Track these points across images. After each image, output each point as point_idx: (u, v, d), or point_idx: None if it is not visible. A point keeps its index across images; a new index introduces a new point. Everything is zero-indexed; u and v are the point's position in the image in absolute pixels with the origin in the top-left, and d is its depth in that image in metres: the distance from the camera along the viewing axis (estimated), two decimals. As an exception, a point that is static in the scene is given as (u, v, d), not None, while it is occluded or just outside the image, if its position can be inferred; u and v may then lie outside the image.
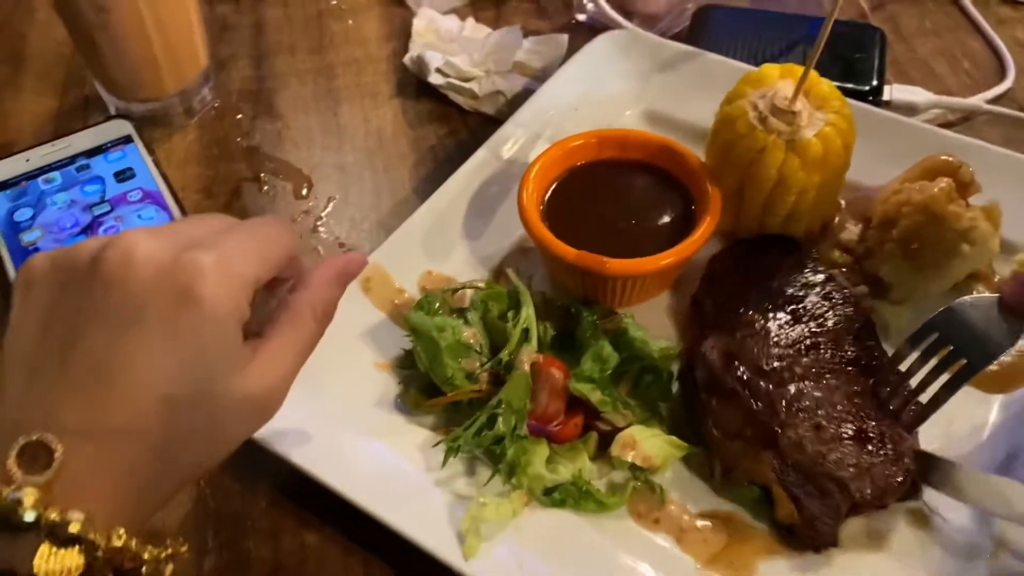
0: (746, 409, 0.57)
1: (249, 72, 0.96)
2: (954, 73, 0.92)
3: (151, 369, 0.43)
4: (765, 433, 0.57)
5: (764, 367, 0.60)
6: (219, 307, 0.44)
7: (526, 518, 0.58)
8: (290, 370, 0.49)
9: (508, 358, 0.61)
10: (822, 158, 0.65)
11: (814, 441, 0.56)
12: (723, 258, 0.69)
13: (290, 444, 0.59)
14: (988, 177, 0.70)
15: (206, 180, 0.85)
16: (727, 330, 0.62)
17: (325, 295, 0.51)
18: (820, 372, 0.60)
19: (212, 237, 0.46)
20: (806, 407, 0.58)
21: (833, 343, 0.62)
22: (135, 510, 0.44)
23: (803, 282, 0.66)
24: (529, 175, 0.70)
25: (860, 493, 0.54)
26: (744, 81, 0.68)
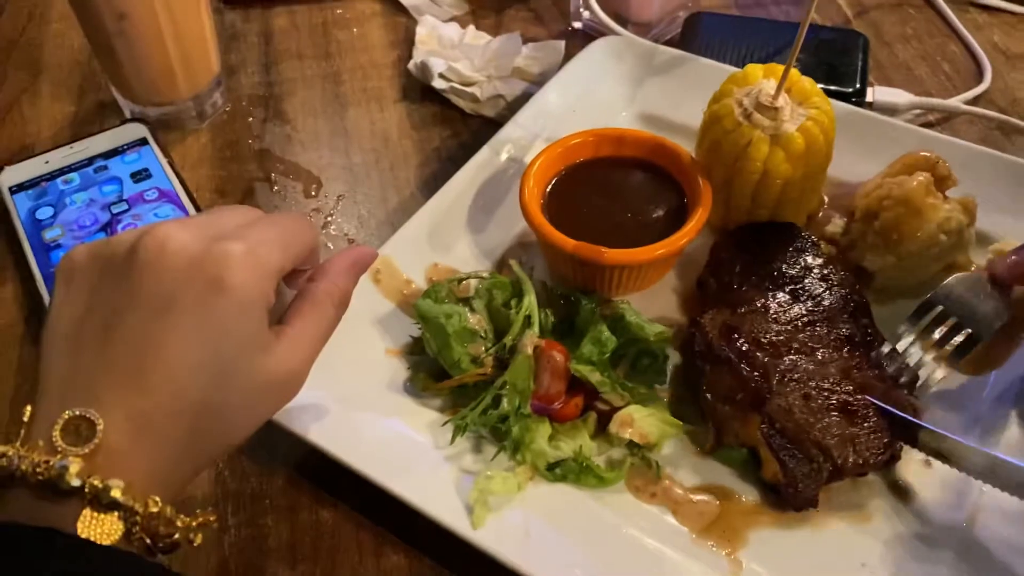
0: (738, 374, 0.61)
1: (258, 78, 0.99)
2: (934, 76, 0.96)
3: (184, 351, 0.46)
4: (755, 397, 0.60)
5: (761, 339, 0.64)
6: (247, 294, 0.47)
7: (531, 492, 0.61)
8: (311, 354, 0.52)
9: (512, 343, 0.65)
10: (804, 151, 0.68)
11: (803, 409, 0.60)
12: (727, 242, 0.73)
13: (307, 424, 0.63)
14: (964, 172, 0.74)
15: (219, 180, 0.88)
16: (727, 305, 0.66)
17: (342, 284, 0.55)
18: (814, 347, 0.64)
19: (240, 229, 0.50)
20: (798, 378, 0.62)
21: (828, 321, 0.66)
22: (169, 481, 0.47)
23: (802, 264, 0.70)
24: (530, 171, 0.73)
25: (843, 460, 0.58)
26: (730, 80, 0.72)
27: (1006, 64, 0.97)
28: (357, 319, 0.69)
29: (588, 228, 0.71)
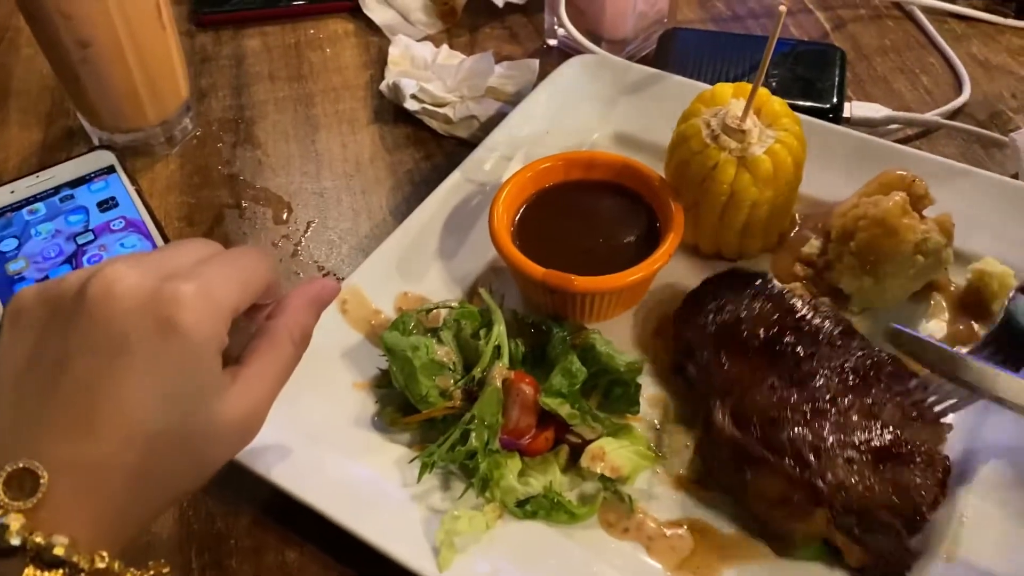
0: (785, 474, 0.57)
1: (229, 102, 0.98)
2: (913, 89, 0.95)
3: (134, 399, 0.44)
4: (812, 492, 0.56)
5: (776, 416, 0.59)
6: (199, 335, 0.45)
7: (500, 530, 0.60)
8: (269, 394, 0.51)
9: (480, 375, 0.64)
10: (772, 174, 0.67)
11: (855, 477, 0.56)
12: (687, 314, 0.67)
13: (271, 464, 0.61)
14: (942, 190, 0.73)
15: (188, 208, 0.87)
16: (722, 390, 0.61)
17: (302, 320, 0.53)
18: (827, 398, 0.60)
19: (194, 267, 0.48)
20: (832, 443, 0.57)
21: (826, 362, 0.62)
22: (118, 533, 0.45)
23: (772, 312, 0.65)
24: (499, 197, 0.72)
25: (917, 512, 0.55)
26: (699, 100, 0.71)
27: (985, 76, 0.96)
28: (323, 352, 0.68)
29: (559, 254, 0.70)
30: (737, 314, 0.65)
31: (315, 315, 0.55)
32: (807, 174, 0.76)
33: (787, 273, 0.75)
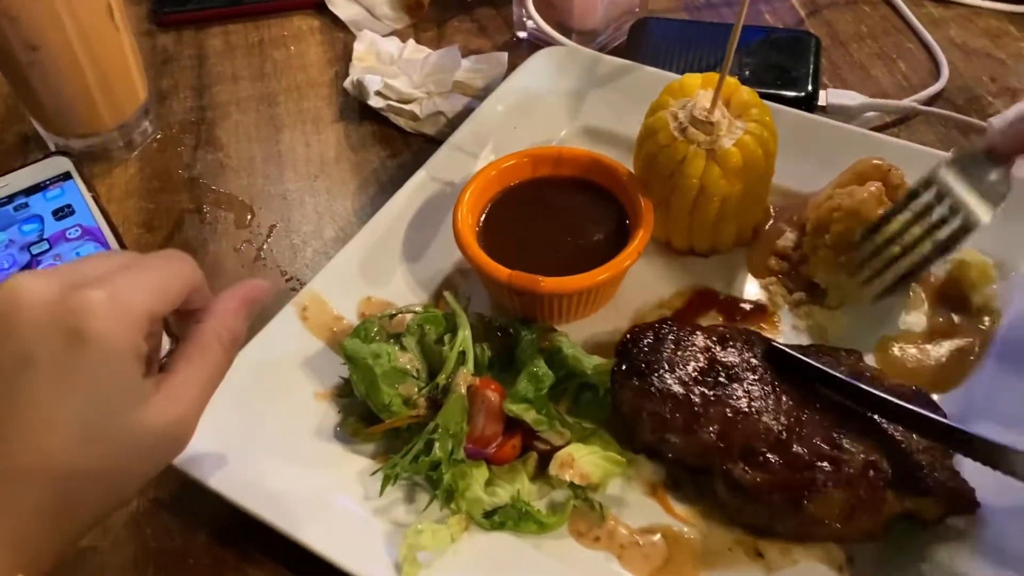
0: (839, 485, 0.55)
1: (191, 103, 0.95)
2: (890, 75, 0.93)
3: (47, 412, 0.43)
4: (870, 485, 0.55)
5: (780, 440, 0.57)
6: (111, 344, 0.43)
7: (466, 543, 0.58)
8: (197, 400, 0.48)
9: (445, 382, 0.61)
10: (742, 166, 0.65)
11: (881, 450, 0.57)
12: (627, 397, 0.61)
13: (227, 479, 0.59)
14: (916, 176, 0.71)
15: (147, 213, 0.84)
16: (716, 451, 0.58)
17: (230, 323, 0.51)
18: (796, 415, 0.59)
19: (105, 274, 0.46)
20: (838, 435, 0.57)
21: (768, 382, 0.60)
22: (39, 552, 0.43)
23: (698, 354, 0.62)
24: (463, 198, 0.70)
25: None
26: (666, 91, 0.69)
27: (963, 59, 0.94)
28: (283, 361, 0.66)
29: (526, 254, 0.68)
30: (676, 373, 0.60)
31: (246, 317, 0.52)
32: (781, 165, 0.74)
33: (762, 267, 0.73)
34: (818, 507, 0.55)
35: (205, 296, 0.51)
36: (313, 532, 0.57)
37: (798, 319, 0.70)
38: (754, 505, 0.57)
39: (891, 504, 0.55)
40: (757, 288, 0.72)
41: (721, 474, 0.58)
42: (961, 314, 0.69)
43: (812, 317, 0.69)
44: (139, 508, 0.64)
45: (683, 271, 0.73)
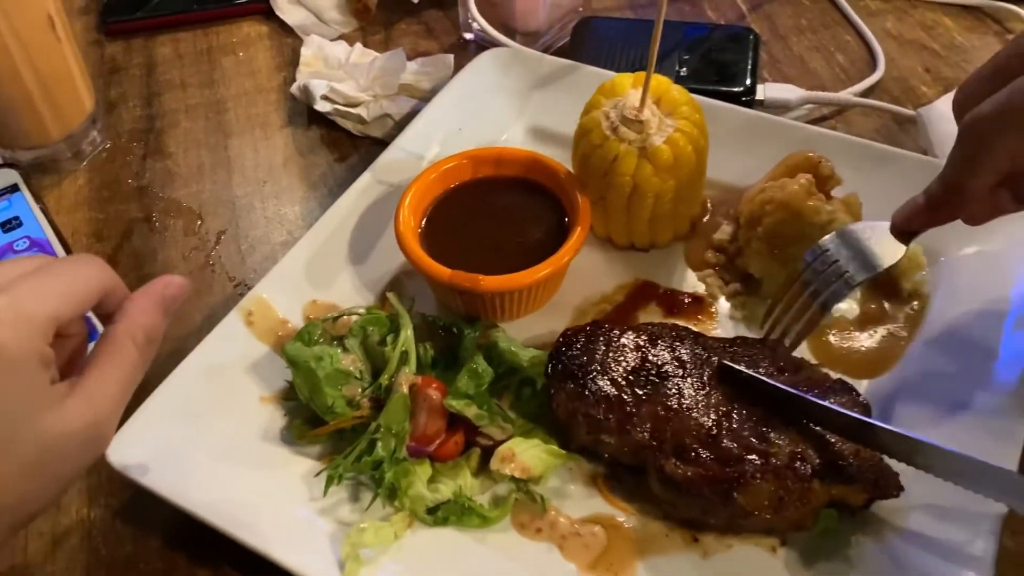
0: (768, 476, 0.57)
1: (140, 111, 0.96)
2: (829, 67, 0.95)
3: None
4: (797, 475, 0.57)
5: (711, 434, 0.59)
6: (12, 351, 0.43)
7: (409, 539, 0.59)
8: (113, 402, 0.48)
9: (387, 382, 0.63)
10: (673, 163, 0.67)
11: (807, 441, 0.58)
12: (556, 392, 0.62)
13: (176, 486, 0.60)
14: (852, 167, 0.73)
15: (97, 224, 0.85)
16: (648, 447, 0.59)
17: (144, 322, 0.50)
18: (726, 409, 0.60)
19: (7, 282, 0.46)
20: (767, 428, 0.59)
21: (699, 369, 0.62)
22: None
23: (630, 353, 0.63)
24: (404, 200, 0.71)
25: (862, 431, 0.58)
26: (599, 91, 0.70)
27: (899, 51, 0.96)
28: (228, 366, 0.67)
29: (467, 254, 0.69)
30: (608, 375, 0.62)
31: (162, 315, 0.52)
32: (719, 160, 0.76)
33: (699, 260, 0.74)
34: (747, 499, 0.56)
35: (121, 297, 0.51)
36: (259, 534, 0.58)
37: (734, 309, 0.71)
38: (687, 499, 0.58)
39: (818, 493, 0.57)
40: (695, 280, 0.74)
41: (655, 471, 0.59)
42: (892, 300, 0.71)
43: (747, 307, 0.71)
44: (90, 517, 0.65)
45: (624, 266, 0.75)
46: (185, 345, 0.68)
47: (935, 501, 0.58)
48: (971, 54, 0.95)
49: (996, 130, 0.51)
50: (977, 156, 0.53)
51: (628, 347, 0.63)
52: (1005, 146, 0.52)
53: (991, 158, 0.53)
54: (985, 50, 0.96)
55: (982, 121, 0.52)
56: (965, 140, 0.54)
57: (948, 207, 0.58)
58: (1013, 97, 0.50)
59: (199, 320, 0.76)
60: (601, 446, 0.61)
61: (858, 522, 0.59)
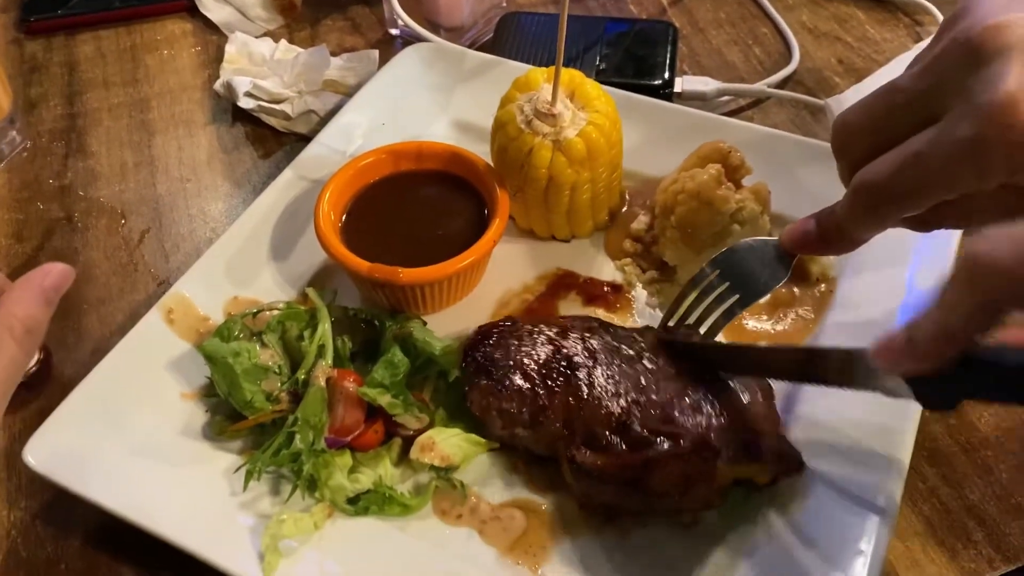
0: (672, 457, 0.58)
1: (61, 111, 0.95)
2: (746, 60, 0.98)
3: None
4: (701, 456, 0.58)
5: (619, 421, 0.60)
6: None
7: (330, 529, 0.60)
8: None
9: (305, 376, 0.63)
10: (586, 155, 0.68)
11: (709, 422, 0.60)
12: (471, 389, 0.63)
13: (96, 485, 0.60)
14: (765, 157, 0.75)
15: (17, 224, 0.84)
16: (560, 436, 0.61)
17: (21, 312, 0.49)
18: (634, 381, 0.62)
19: None
20: (677, 410, 0.60)
21: (608, 357, 0.63)
22: None
23: (537, 346, 0.64)
24: (324, 196, 0.71)
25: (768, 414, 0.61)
26: (514, 86, 0.71)
27: (814, 43, 0.99)
28: (149, 364, 0.67)
29: (388, 248, 0.70)
30: (520, 369, 0.62)
31: (43, 305, 0.50)
32: (637, 151, 0.78)
33: (618, 249, 0.76)
34: (656, 482, 0.58)
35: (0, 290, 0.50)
36: (181, 530, 0.58)
37: (651, 296, 0.73)
38: (599, 487, 0.59)
39: (724, 472, 0.58)
40: (614, 269, 0.76)
41: (566, 461, 0.60)
42: (801, 284, 0.73)
43: (663, 294, 0.73)
44: (10, 519, 0.64)
45: (545, 257, 0.77)
46: (107, 345, 0.68)
47: (836, 474, 0.60)
48: (882, 46, 0.99)
49: (883, 202, 0.51)
50: (868, 218, 0.53)
51: (540, 341, 0.64)
52: (892, 214, 0.52)
53: (881, 222, 0.53)
54: (896, 42, 0.99)
55: (868, 192, 0.51)
56: (856, 202, 0.52)
57: (839, 247, 0.58)
58: (895, 178, 0.49)
59: (122, 320, 0.76)
60: (516, 439, 0.63)
61: (765, 497, 0.61)
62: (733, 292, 0.64)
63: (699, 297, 0.65)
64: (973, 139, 0.44)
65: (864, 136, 0.52)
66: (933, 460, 0.65)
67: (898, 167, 0.48)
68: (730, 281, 0.64)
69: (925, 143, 0.47)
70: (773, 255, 0.64)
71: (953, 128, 0.45)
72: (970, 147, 0.45)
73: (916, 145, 0.48)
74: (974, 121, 0.44)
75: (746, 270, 0.64)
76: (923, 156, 0.47)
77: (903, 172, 0.48)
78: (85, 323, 0.76)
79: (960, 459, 0.65)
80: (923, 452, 0.65)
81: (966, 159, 0.45)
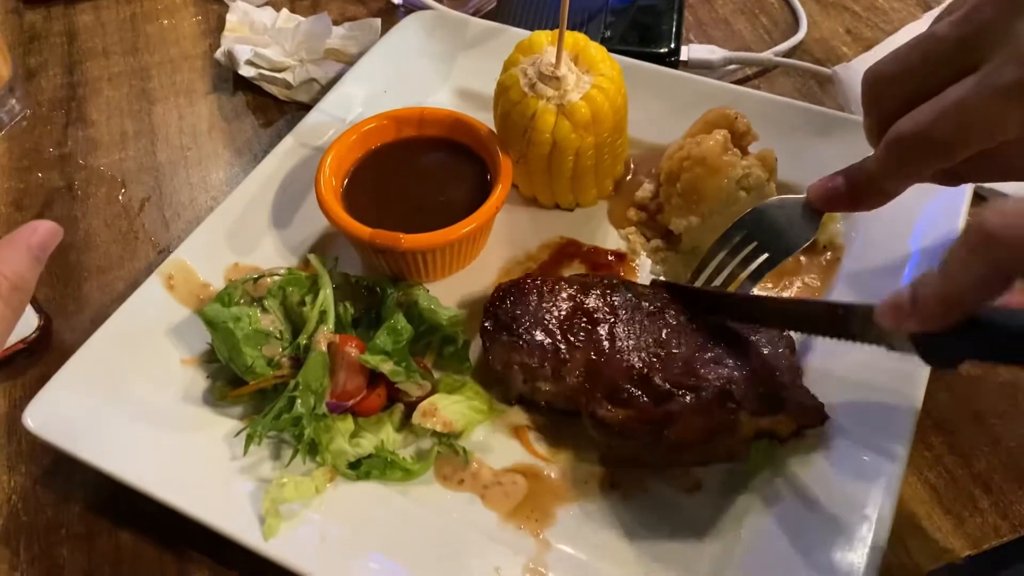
0: (695, 411, 0.58)
1: (61, 80, 0.94)
2: (753, 29, 0.97)
3: None
4: (724, 408, 0.58)
5: (641, 374, 0.60)
6: None
7: (331, 493, 0.59)
8: None
9: (306, 341, 0.63)
10: (590, 119, 0.67)
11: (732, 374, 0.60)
12: (493, 344, 0.63)
13: (97, 449, 0.59)
14: (771, 125, 0.74)
15: (16, 193, 0.83)
16: (583, 392, 0.60)
17: (7, 271, 0.48)
18: (656, 336, 0.62)
19: None
20: (698, 363, 0.60)
21: (627, 312, 0.63)
22: None
23: (560, 302, 0.64)
24: (325, 161, 0.71)
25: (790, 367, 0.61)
26: (517, 49, 0.70)
27: (821, 12, 0.98)
28: (149, 330, 0.66)
29: (390, 214, 0.69)
30: (542, 325, 0.63)
31: (30, 262, 0.49)
32: (642, 119, 0.77)
33: (622, 218, 0.75)
34: (678, 435, 0.58)
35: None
36: (181, 494, 0.58)
37: (655, 264, 0.73)
38: (621, 440, 0.59)
39: (746, 425, 0.59)
40: (618, 238, 0.75)
41: (588, 416, 0.60)
42: (807, 252, 0.73)
43: (668, 262, 0.72)
44: (11, 484, 0.64)
45: (548, 225, 0.76)
46: (107, 312, 0.67)
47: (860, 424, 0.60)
48: (890, 16, 0.97)
49: (921, 154, 0.51)
50: (903, 170, 0.53)
51: (560, 297, 0.64)
52: (930, 165, 0.52)
53: (916, 174, 0.53)
54: (904, 12, 0.98)
55: (906, 143, 0.51)
56: (892, 154, 0.52)
57: (869, 202, 0.58)
58: (936, 128, 0.49)
59: (122, 287, 0.75)
60: (537, 394, 0.63)
61: (787, 450, 0.60)
62: (761, 252, 0.63)
63: (725, 260, 0.65)
64: (1019, 82, 0.44)
65: (898, 87, 0.51)
66: (940, 429, 0.64)
67: (938, 115, 0.48)
68: (758, 240, 0.64)
69: (967, 91, 0.47)
70: (800, 213, 0.63)
71: (998, 73, 0.45)
72: (1017, 91, 0.44)
73: (958, 93, 0.47)
74: (1020, 65, 0.44)
75: (774, 229, 0.63)
76: (965, 103, 0.47)
77: (945, 121, 0.48)
78: (85, 290, 0.75)
79: (967, 428, 0.64)
80: (929, 421, 0.64)
81: (1012, 104, 0.45)
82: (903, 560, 0.58)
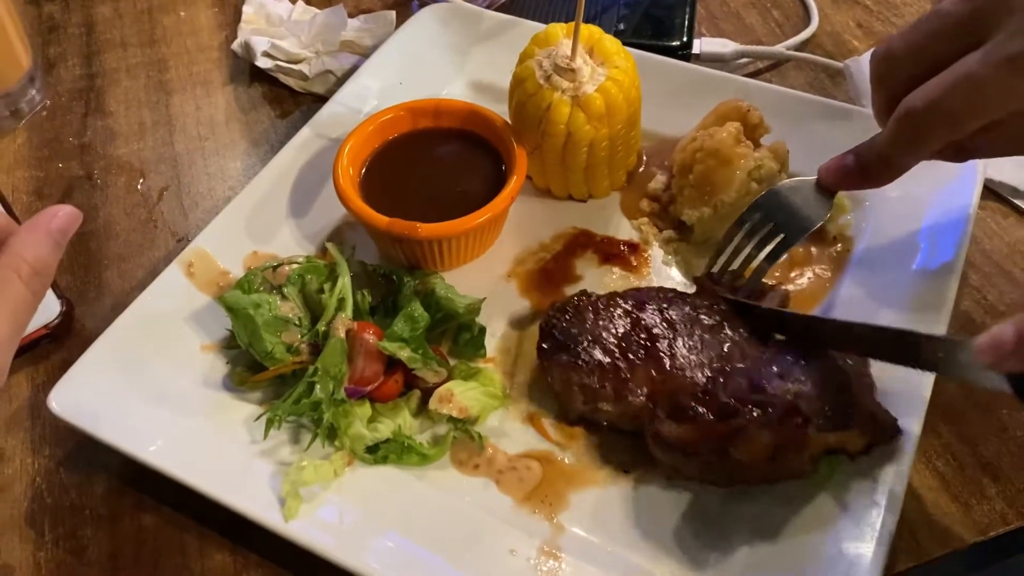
0: (762, 427, 0.56)
1: (80, 71, 0.95)
2: (764, 22, 0.97)
3: None
4: (792, 425, 0.56)
5: (704, 390, 0.58)
6: None
7: (349, 477, 0.61)
8: (3, 336, 0.47)
9: (325, 328, 0.64)
10: (605, 111, 0.68)
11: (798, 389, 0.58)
12: (551, 365, 0.62)
13: (120, 433, 0.61)
14: (783, 118, 0.75)
15: (37, 182, 0.84)
16: (643, 409, 0.60)
17: (29, 255, 0.49)
18: (718, 350, 0.61)
19: None
20: (762, 378, 0.58)
21: (687, 327, 0.62)
22: None
23: (617, 319, 0.63)
24: (343, 151, 0.72)
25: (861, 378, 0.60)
26: (533, 41, 0.71)
27: (832, 6, 0.98)
28: (169, 316, 0.68)
29: (407, 203, 0.70)
30: (600, 343, 0.62)
31: (50, 246, 0.50)
32: (655, 112, 0.78)
33: (634, 209, 0.76)
34: (744, 452, 0.56)
35: (8, 233, 0.50)
36: (202, 476, 0.59)
37: (667, 255, 0.74)
38: (684, 459, 0.58)
39: (816, 441, 0.57)
40: (631, 229, 0.76)
41: (651, 436, 0.59)
42: (818, 244, 0.73)
43: (680, 253, 0.73)
44: (35, 466, 0.65)
45: (562, 215, 0.77)
46: (128, 300, 0.68)
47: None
48: (901, 9, 0.98)
49: (931, 126, 0.51)
50: (913, 144, 0.54)
51: (617, 314, 0.63)
52: (939, 137, 0.52)
53: (926, 147, 0.54)
54: (915, 5, 0.98)
55: (916, 116, 0.52)
56: (902, 128, 0.53)
57: (879, 178, 0.59)
58: (946, 100, 0.50)
59: (142, 275, 0.76)
60: (599, 414, 0.62)
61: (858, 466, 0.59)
62: (777, 232, 0.65)
63: (742, 242, 0.66)
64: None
65: (907, 63, 0.52)
66: (948, 418, 0.65)
67: (948, 87, 0.49)
68: (774, 222, 0.65)
69: (975, 62, 0.48)
70: (813, 194, 0.65)
71: (1007, 44, 0.47)
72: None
73: (967, 65, 0.49)
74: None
75: (789, 210, 0.65)
76: (974, 74, 0.48)
77: (955, 92, 0.49)
78: (106, 278, 0.76)
79: (975, 417, 0.65)
80: (938, 410, 0.65)
81: (1020, 74, 0.46)
82: (910, 546, 0.59)
